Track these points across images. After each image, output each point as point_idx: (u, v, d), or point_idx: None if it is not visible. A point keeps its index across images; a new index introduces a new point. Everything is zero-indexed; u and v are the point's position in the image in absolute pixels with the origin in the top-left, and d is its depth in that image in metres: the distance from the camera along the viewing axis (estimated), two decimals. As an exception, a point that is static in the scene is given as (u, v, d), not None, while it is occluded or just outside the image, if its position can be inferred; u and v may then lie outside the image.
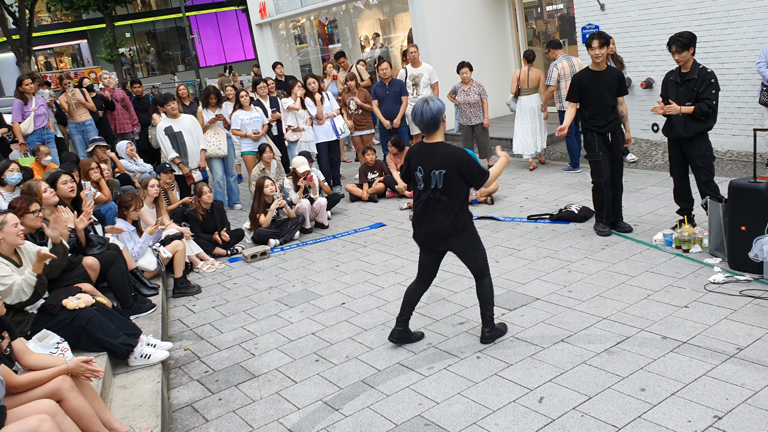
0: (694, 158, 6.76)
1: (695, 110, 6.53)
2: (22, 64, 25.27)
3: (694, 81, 6.59)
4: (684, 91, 6.67)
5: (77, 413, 3.89)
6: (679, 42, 6.54)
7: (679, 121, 6.70)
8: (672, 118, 6.76)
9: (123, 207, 7.30)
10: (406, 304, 5.27)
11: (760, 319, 5.04)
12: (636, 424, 3.97)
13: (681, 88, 6.70)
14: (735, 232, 5.91)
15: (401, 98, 10.89)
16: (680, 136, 6.73)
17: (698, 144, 6.71)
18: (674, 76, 6.80)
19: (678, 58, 6.60)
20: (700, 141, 6.70)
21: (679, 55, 6.58)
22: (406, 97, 10.95)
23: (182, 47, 47.54)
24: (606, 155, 7.16)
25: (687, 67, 6.66)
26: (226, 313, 6.61)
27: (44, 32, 42.15)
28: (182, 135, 9.76)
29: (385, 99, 10.91)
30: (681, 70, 6.72)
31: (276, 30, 20.83)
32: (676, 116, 6.69)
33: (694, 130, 6.63)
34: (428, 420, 4.30)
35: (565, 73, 10.29)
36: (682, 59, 6.59)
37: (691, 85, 6.61)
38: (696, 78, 6.58)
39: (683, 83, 6.68)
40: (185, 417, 4.77)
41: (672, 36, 6.65)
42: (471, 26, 14.11)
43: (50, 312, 5.08)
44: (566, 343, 5.06)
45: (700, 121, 6.58)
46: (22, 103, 10.74)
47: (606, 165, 7.16)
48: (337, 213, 9.81)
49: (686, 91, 6.65)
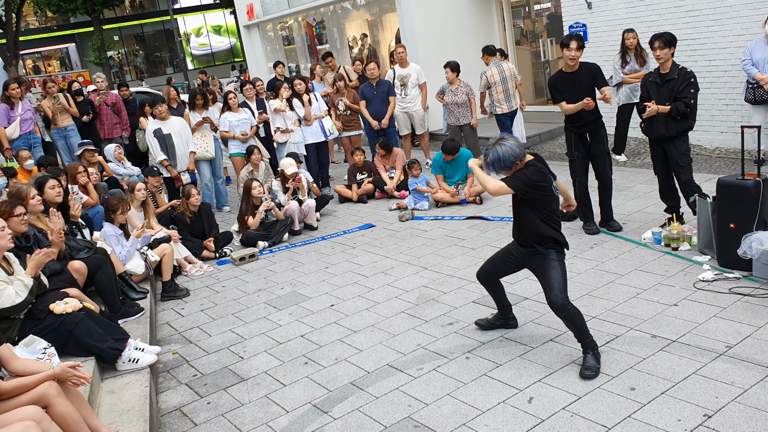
0: (675, 157, 6.80)
1: (671, 110, 6.57)
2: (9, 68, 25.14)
3: (674, 81, 6.64)
4: (664, 91, 6.71)
5: (64, 419, 3.85)
6: (663, 38, 6.59)
7: (660, 120, 6.72)
8: (653, 118, 6.78)
9: (110, 210, 7.26)
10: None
11: (750, 316, 5.04)
12: (626, 423, 3.97)
13: (661, 89, 6.74)
14: (724, 229, 5.92)
15: (389, 98, 10.88)
16: (662, 135, 6.75)
17: (679, 143, 6.76)
18: (653, 77, 6.85)
19: (660, 54, 6.63)
20: (680, 140, 6.76)
21: (661, 51, 6.61)
22: (393, 97, 10.94)
23: (170, 49, 47.40)
24: (583, 156, 7.18)
25: (666, 68, 6.71)
26: (214, 316, 6.57)
27: (32, 36, 41.93)
28: (171, 137, 9.71)
29: (373, 99, 10.90)
30: (660, 71, 6.77)
31: (264, 31, 20.78)
32: (658, 116, 6.71)
33: (676, 129, 6.67)
34: (417, 422, 4.29)
35: (495, 80, 10.68)
36: (664, 56, 6.63)
37: (672, 85, 6.65)
38: (676, 78, 6.63)
39: (663, 83, 6.73)
40: (174, 421, 4.74)
41: (655, 33, 6.72)
42: (458, 26, 14.10)
43: (37, 317, 5.03)
44: (555, 343, 5.05)
45: (678, 121, 6.61)
46: (8, 107, 10.65)
47: (581, 166, 7.20)
48: (326, 214, 9.79)
49: (666, 91, 6.69)
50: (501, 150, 4.62)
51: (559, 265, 4.67)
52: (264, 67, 20.56)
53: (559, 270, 4.66)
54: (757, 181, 5.70)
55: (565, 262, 4.74)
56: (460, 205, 9.22)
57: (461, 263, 6.99)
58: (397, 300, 6.29)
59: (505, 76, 10.73)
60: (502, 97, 10.71)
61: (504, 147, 4.63)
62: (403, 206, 9.40)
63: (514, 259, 4.98)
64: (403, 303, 6.21)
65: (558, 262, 4.68)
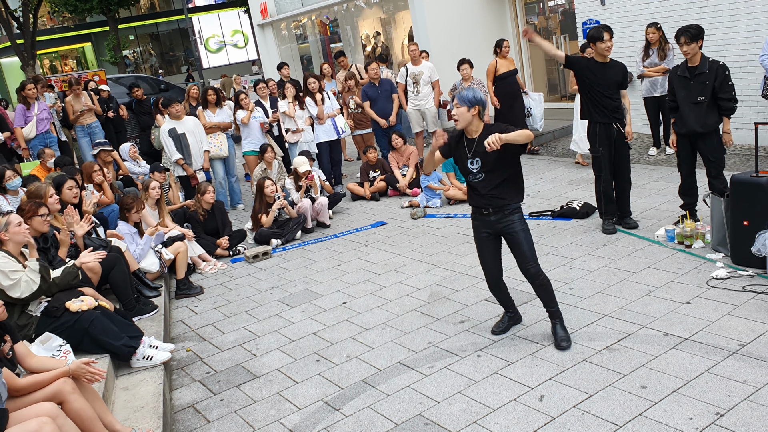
0: (707, 153, 6.65)
1: (725, 115, 6.54)
2: (27, 68, 25.31)
3: (705, 75, 6.44)
4: (695, 86, 6.52)
5: (79, 415, 3.90)
6: (688, 33, 6.39)
7: (693, 116, 6.56)
8: (685, 112, 6.62)
9: (125, 209, 7.31)
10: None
11: (763, 314, 5.01)
12: (637, 421, 3.96)
13: (691, 83, 6.54)
14: (737, 227, 5.89)
15: (392, 96, 10.97)
16: (694, 131, 6.60)
17: (712, 138, 6.60)
18: (681, 70, 6.65)
19: (686, 49, 6.44)
20: (713, 135, 6.60)
21: (687, 47, 6.42)
22: (395, 95, 11.03)
23: (185, 49, 47.57)
24: (608, 151, 7.11)
25: (695, 61, 6.52)
26: (227, 313, 6.62)
27: (48, 36, 42.19)
28: (186, 137, 9.77)
29: (378, 98, 10.98)
30: (688, 64, 6.58)
31: (278, 30, 20.83)
32: (690, 110, 6.56)
33: (710, 125, 6.53)
34: (428, 419, 4.30)
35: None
36: (691, 51, 6.45)
37: (702, 78, 6.46)
38: (707, 72, 6.43)
39: (693, 77, 6.53)
40: (187, 418, 4.78)
41: (680, 27, 6.50)
42: (471, 23, 14.08)
43: (53, 315, 5.10)
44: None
45: (711, 116, 6.48)
46: (24, 107, 10.77)
47: (606, 161, 7.10)
48: (338, 212, 9.81)
49: (697, 86, 6.50)
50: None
51: (527, 232, 4.95)
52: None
53: (529, 237, 4.96)
54: (771, 178, 5.66)
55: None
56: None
57: (473, 261, 6.97)
58: (409, 298, 6.31)
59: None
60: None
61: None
62: (416, 204, 9.40)
63: (492, 240, 5.10)
64: (414, 301, 6.22)
65: (525, 230, 4.95)
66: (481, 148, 4.74)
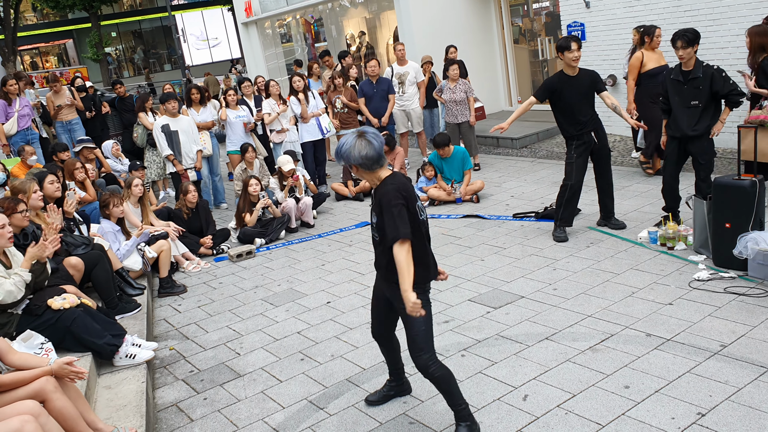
0: (697, 155, 6.67)
1: (732, 107, 6.56)
2: (8, 64, 25.11)
3: (699, 79, 6.47)
4: (688, 90, 6.55)
5: (61, 414, 3.87)
6: (685, 37, 6.39)
7: (686, 119, 6.58)
8: (678, 116, 6.65)
9: (104, 207, 7.26)
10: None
11: (744, 316, 5.07)
12: (620, 421, 3.99)
13: (685, 87, 6.58)
14: (719, 229, 5.94)
15: (388, 96, 10.90)
16: (686, 134, 6.61)
17: (703, 141, 6.63)
18: (675, 74, 6.66)
19: (682, 53, 6.45)
20: (705, 138, 6.63)
21: (683, 51, 6.43)
22: (393, 95, 10.96)
23: (168, 46, 47.32)
24: (582, 158, 7.11)
25: (689, 65, 6.53)
26: (211, 312, 6.59)
27: (30, 32, 41.86)
28: (178, 134, 9.70)
29: (373, 97, 10.91)
30: (682, 68, 6.60)
31: (262, 29, 20.78)
32: (683, 114, 6.59)
33: (702, 128, 6.55)
34: (413, 418, 4.31)
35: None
36: (687, 55, 6.46)
37: (697, 83, 6.49)
38: (701, 77, 6.45)
39: (687, 82, 6.56)
40: (170, 417, 4.75)
41: (677, 31, 6.51)
42: (457, 24, 14.11)
43: (35, 312, 5.05)
44: (551, 341, 5.07)
45: (705, 120, 6.51)
46: (5, 104, 10.66)
47: (579, 168, 7.11)
48: (322, 212, 9.80)
49: (690, 90, 6.53)
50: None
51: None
52: (262, 65, 20.54)
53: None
54: (753, 182, 5.72)
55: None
56: (455, 204, 9.23)
57: (457, 261, 7.01)
58: (394, 297, 6.30)
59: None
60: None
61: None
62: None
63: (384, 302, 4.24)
64: (399, 300, 6.22)
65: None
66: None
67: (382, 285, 4.15)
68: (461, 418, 4.00)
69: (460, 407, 3.99)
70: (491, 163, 11.37)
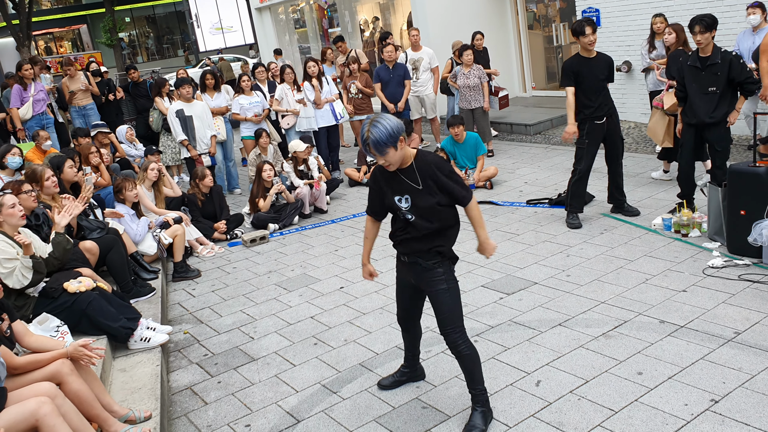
0: (714, 142, 6.61)
1: (747, 96, 6.57)
2: (22, 49, 25.20)
3: (717, 65, 6.38)
4: (706, 76, 6.46)
5: (77, 396, 3.91)
6: (703, 22, 6.31)
7: (703, 105, 6.51)
8: (695, 103, 6.57)
9: (118, 192, 7.31)
10: None
11: (759, 303, 5.05)
12: (632, 407, 3.99)
13: (702, 73, 6.48)
14: (734, 216, 5.91)
15: (404, 82, 10.86)
16: (703, 121, 6.54)
17: (720, 128, 6.56)
18: (692, 60, 6.57)
19: (700, 39, 6.37)
20: (723, 125, 6.55)
21: (701, 36, 6.34)
22: (409, 81, 10.93)
23: (182, 32, 47.36)
24: (593, 143, 7.08)
25: (707, 51, 6.44)
26: (225, 297, 6.63)
27: (44, 17, 41.97)
28: (192, 119, 9.71)
29: (389, 82, 10.86)
30: (700, 54, 6.51)
31: (275, 14, 20.74)
32: (701, 100, 6.51)
33: (719, 115, 6.48)
34: (425, 403, 4.33)
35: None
36: (704, 41, 6.37)
37: (715, 69, 6.40)
38: (719, 62, 6.37)
39: (704, 68, 6.46)
40: (184, 400, 4.79)
41: (694, 17, 6.44)
42: (471, 9, 14.03)
43: (51, 295, 5.10)
44: (564, 327, 5.07)
45: (723, 107, 6.46)
46: (21, 88, 10.72)
47: (589, 153, 7.09)
48: (336, 198, 9.81)
49: (708, 76, 6.45)
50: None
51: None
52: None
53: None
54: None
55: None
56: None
57: (470, 247, 6.95)
58: (407, 283, 6.31)
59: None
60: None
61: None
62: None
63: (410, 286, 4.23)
64: (412, 286, 6.23)
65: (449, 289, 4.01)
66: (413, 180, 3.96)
67: (407, 272, 4.16)
68: (477, 402, 4.00)
69: (479, 390, 4.00)
70: (505, 149, 11.34)
